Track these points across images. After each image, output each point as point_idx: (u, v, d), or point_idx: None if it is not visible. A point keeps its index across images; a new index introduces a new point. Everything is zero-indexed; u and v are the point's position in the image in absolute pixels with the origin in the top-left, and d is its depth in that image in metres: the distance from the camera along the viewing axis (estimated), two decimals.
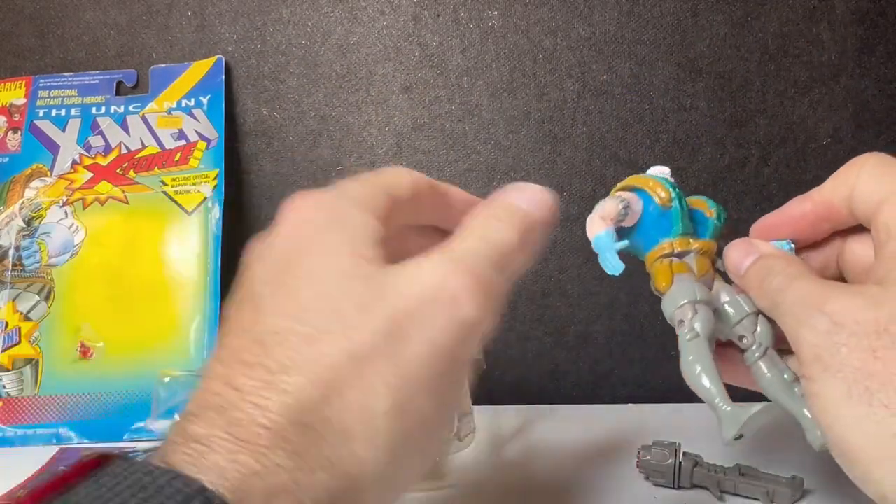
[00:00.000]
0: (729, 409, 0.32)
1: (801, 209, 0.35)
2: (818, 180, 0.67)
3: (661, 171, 0.38)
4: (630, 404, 0.62)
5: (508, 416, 0.57)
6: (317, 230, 0.27)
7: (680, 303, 0.35)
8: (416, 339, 0.25)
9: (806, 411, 0.32)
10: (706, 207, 0.37)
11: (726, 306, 0.35)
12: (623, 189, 0.37)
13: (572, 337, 0.64)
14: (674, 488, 0.43)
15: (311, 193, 0.29)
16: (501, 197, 0.33)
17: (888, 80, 0.61)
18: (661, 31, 0.62)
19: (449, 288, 0.26)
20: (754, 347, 0.34)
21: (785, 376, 0.34)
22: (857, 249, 0.35)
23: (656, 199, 0.36)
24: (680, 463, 0.43)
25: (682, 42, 0.62)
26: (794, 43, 0.61)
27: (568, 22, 0.62)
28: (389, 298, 0.26)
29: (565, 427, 0.55)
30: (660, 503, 0.42)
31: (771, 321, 0.34)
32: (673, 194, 0.35)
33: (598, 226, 0.35)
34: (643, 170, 0.59)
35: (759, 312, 0.35)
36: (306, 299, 0.26)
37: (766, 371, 0.34)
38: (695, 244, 0.36)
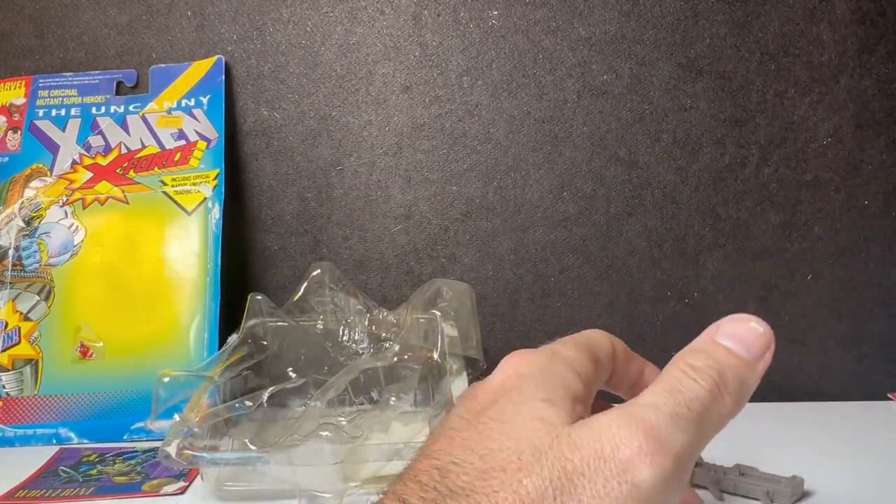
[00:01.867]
0: None
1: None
2: (818, 180, 0.67)
3: None
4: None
5: None
6: (521, 379, 0.28)
7: None
8: (586, 495, 0.24)
9: None
10: None
11: None
12: None
13: None
14: None
15: (528, 351, 0.29)
16: (708, 335, 0.29)
17: (888, 80, 0.61)
18: (661, 31, 0.62)
19: (622, 447, 0.24)
20: None
21: None
22: None
23: None
24: None
25: (682, 42, 0.62)
26: (794, 43, 0.61)
27: (568, 22, 0.62)
28: (564, 448, 0.24)
29: None
30: None
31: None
32: None
33: None
34: (643, 170, 0.59)
35: None
36: (492, 437, 0.25)
37: None
38: None
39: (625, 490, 0.23)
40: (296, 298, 0.54)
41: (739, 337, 0.27)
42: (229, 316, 0.58)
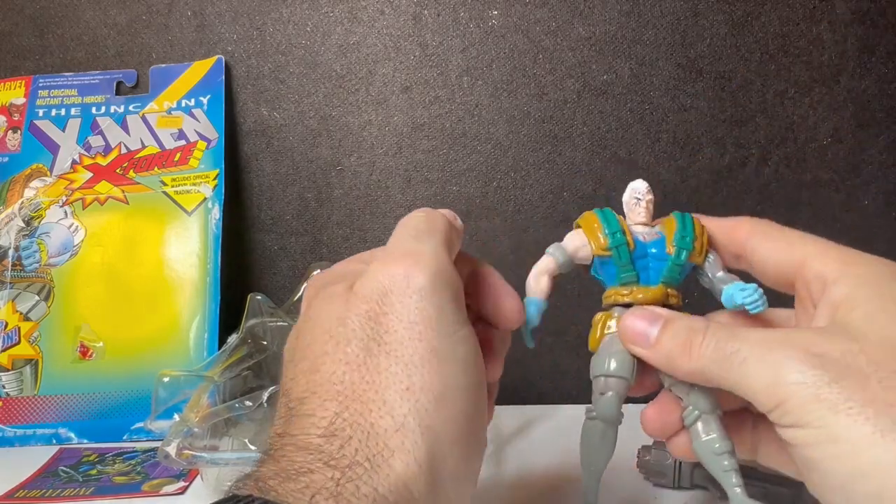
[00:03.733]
0: None
1: None
2: (818, 180, 0.67)
3: (635, 189, 0.36)
4: (630, 404, 0.62)
5: (508, 416, 0.57)
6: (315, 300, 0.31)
7: (593, 374, 0.33)
8: (396, 325, 0.27)
9: (737, 489, 0.32)
10: (670, 241, 0.34)
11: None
12: (579, 226, 0.35)
13: (572, 337, 0.64)
14: (674, 488, 0.43)
15: (407, 258, 0.30)
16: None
17: (888, 80, 0.61)
18: (661, 31, 0.62)
19: (397, 272, 0.28)
20: (690, 409, 0.32)
21: (716, 446, 0.32)
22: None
23: (592, 248, 0.34)
24: (680, 463, 0.43)
25: (682, 42, 0.62)
26: (794, 43, 0.61)
27: (568, 22, 0.62)
28: (354, 299, 0.28)
29: (565, 427, 0.55)
30: (660, 503, 0.42)
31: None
32: (610, 242, 0.33)
33: (531, 285, 0.34)
34: (643, 170, 0.59)
35: None
36: (304, 341, 0.29)
37: (699, 436, 0.32)
38: (638, 293, 0.33)
39: (416, 300, 0.27)
40: (296, 298, 0.54)
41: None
42: (229, 316, 0.58)
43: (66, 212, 0.60)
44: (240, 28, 0.64)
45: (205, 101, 0.63)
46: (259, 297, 0.54)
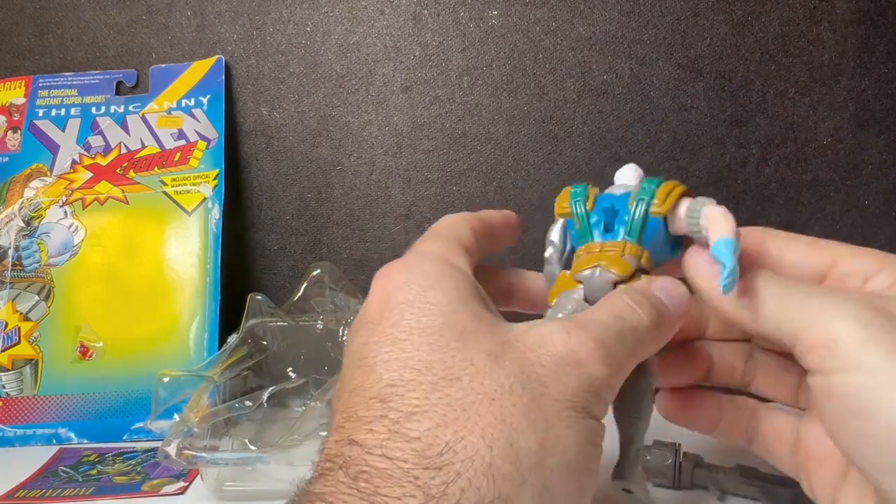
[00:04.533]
0: None
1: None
2: (818, 180, 0.67)
3: (625, 173, 0.34)
4: None
5: None
6: (407, 287, 0.28)
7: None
8: (552, 386, 0.25)
9: (638, 459, 0.32)
10: (633, 194, 0.32)
11: None
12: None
13: None
14: (674, 488, 0.43)
15: (392, 264, 0.29)
16: (642, 286, 0.31)
17: (888, 80, 0.61)
18: (662, 31, 0.62)
19: (578, 349, 0.26)
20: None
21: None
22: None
23: (556, 210, 0.34)
24: (680, 463, 0.43)
25: (683, 42, 0.62)
26: (794, 43, 0.61)
27: (568, 22, 0.62)
28: (519, 350, 0.26)
29: None
30: (660, 503, 0.42)
31: None
32: (570, 205, 0.33)
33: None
34: (643, 169, 0.59)
35: None
36: (420, 352, 0.26)
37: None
38: (595, 247, 0.32)
39: (584, 380, 0.26)
40: (296, 298, 0.54)
41: (668, 291, 0.30)
42: (229, 316, 0.58)
43: (66, 212, 0.60)
44: (240, 28, 0.64)
45: (205, 101, 0.63)
46: (259, 297, 0.54)
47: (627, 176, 0.34)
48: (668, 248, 0.33)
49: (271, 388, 0.47)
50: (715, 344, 0.35)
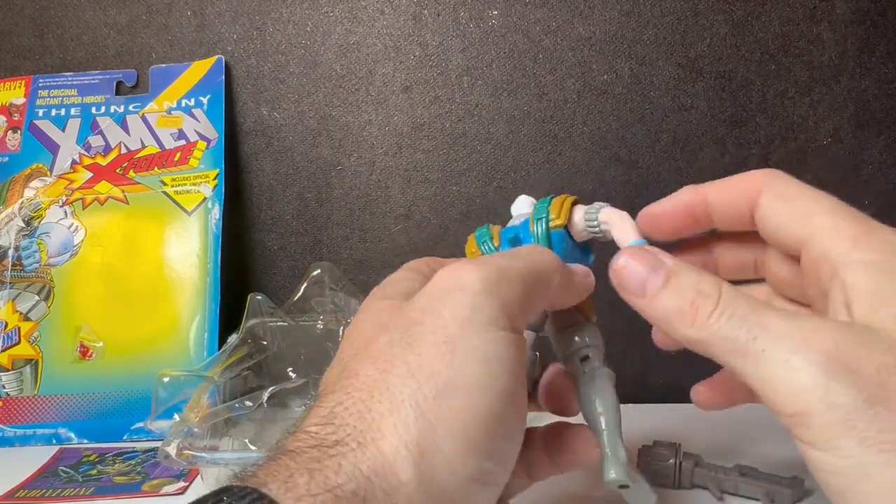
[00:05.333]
0: None
1: (691, 201, 0.32)
2: (818, 180, 0.67)
3: (519, 205, 0.36)
4: (630, 404, 0.61)
5: None
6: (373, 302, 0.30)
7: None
8: (427, 318, 0.27)
9: (621, 451, 0.30)
10: (531, 221, 0.34)
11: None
12: None
13: None
14: (674, 488, 0.43)
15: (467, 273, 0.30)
16: None
17: (888, 80, 0.61)
18: (662, 31, 0.62)
19: (450, 273, 0.28)
20: (598, 363, 0.33)
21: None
22: (776, 266, 0.32)
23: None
24: (680, 463, 0.43)
25: (683, 42, 0.62)
26: (794, 43, 0.61)
27: (568, 22, 0.62)
28: (406, 307, 0.28)
29: None
30: (660, 503, 0.42)
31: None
32: (479, 248, 0.34)
33: None
34: (643, 170, 0.59)
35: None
36: (343, 350, 0.29)
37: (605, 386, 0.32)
38: None
39: (458, 295, 0.27)
40: (296, 298, 0.54)
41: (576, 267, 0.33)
42: (229, 316, 0.58)
43: (66, 212, 0.60)
44: (240, 28, 0.64)
45: (205, 100, 0.63)
46: (259, 297, 0.54)
47: (522, 206, 0.36)
48: (579, 256, 0.34)
49: (271, 388, 0.47)
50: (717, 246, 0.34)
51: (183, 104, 0.64)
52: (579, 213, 0.33)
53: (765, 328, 0.25)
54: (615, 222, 0.32)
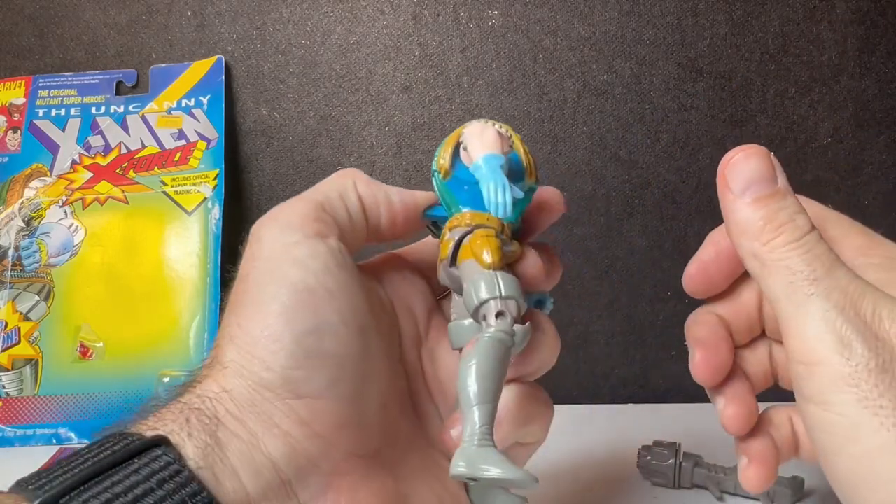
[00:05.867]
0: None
1: (724, 239, 0.32)
2: (818, 180, 0.67)
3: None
4: (630, 404, 0.62)
5: None
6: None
7: (481, 299, 0.27)
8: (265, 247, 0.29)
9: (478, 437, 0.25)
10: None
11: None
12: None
13: (572, 337, 0.64)
14: (674, 488, 0.43)
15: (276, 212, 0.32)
16: None
17: (889, 80, 0.61)
18: (662, 31, 0.62)
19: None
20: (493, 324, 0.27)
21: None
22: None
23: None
24: (680, 463, 0.43)
25: (683, 42, 0.62)
26: (794, 43, 0.61)
27: (568, 22, 0.62)
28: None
29: (565, 427, 0.55)
30: (660, 503, 0.42)
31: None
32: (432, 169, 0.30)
33: None
34: (643, 170, 0.58)
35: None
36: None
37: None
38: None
39: (253, 247, 0.29)
40: None
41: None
42: None
43: (66, 212, 0.60)
44: (240, 28, 0.64)
45: (205, 100, 0.63)
46: None
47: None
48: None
49: None
50: (741, 354, 0.34)
51: (183, 104, 0.64)
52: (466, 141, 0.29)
53: (826, 277, 0.26)
54: (476, 135, 0.28)
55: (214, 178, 0.61)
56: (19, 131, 0.64)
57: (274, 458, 0.25)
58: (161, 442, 0.24)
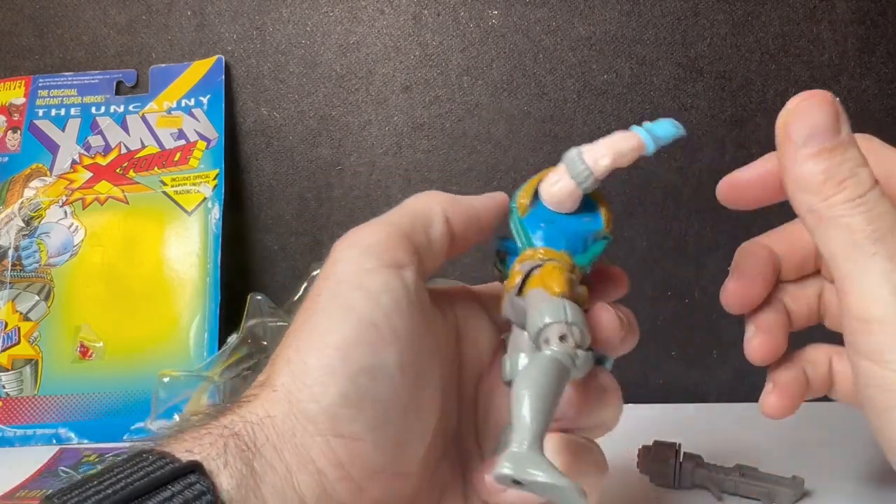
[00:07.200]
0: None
1: (775, 168, 0.30)
2: None
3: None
4: (630, 404, 0.61)
5: None
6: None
7: (545, 321, 0.27)
8: (340, 268, 0.28)
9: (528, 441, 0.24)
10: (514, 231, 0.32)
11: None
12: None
13: None
14: (674, 488, 0.43)
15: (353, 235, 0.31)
16: None
17: (889, 80, 0.61)
18: (662, 31, 0.62)
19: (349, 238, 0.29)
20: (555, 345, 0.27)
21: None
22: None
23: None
24: (680, 463, 0.43)
25: (683, 42, 0.62)
26: (794, 43, 0.61)
27: (568, 21, 0.62)
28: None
29: None
30: (660, 503, 0.42)
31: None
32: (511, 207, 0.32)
33: None
34: (643, 170, 0.59)
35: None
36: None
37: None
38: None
39: (360, 252, 0.28)
40: (296, 298, 0.54)
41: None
42: (229, 316, 0.58)
43: (65, 212, 0.60)
44: (240, 28, 0.64)
45: (205, 100, 0.63)
46: (259, 297, 0.54)
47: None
48: (586, 223, 0.31)
49: None
50: (786, 289, 0.34)
51: (183, 104, 0.64)
52: (549, 180, 0.31)
53: (890, 236, 0.25)
54: (608, 147, 0.29)
55: (214, 178, 0.61)
56: (19, 131, 0.64)
57: (305, 497, 0.24)
58: (196, 468, 0.23)
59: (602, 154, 0.30)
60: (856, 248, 0.25)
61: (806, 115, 0.27)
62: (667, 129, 0.30)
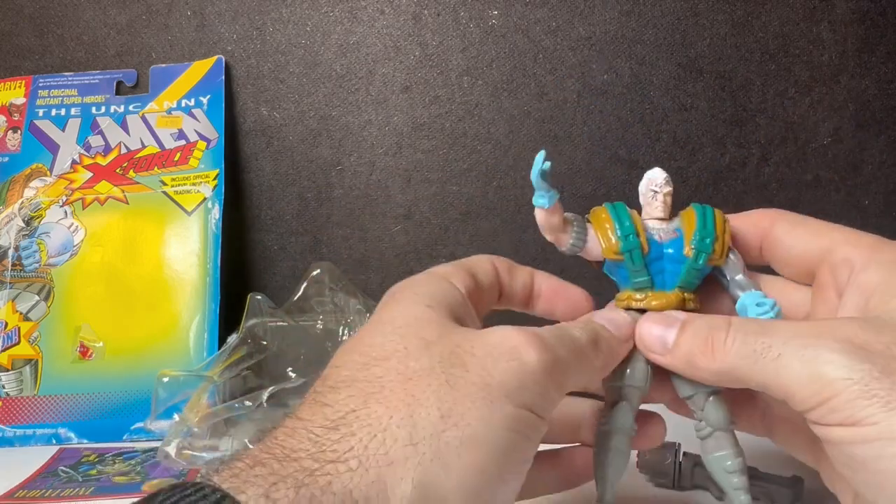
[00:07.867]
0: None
1: None
2: (818, 180, 0.67)
3: (652, 180, 0.33)
4: None
5: None
6: (397, 291, 0.30)
7: (608, 382, 0.32)
8: (474, 371, 0.26)
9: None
10: (689, 241, 0.32)
11: (678, 380, 0.32)
12: (589, 221, 0.34)
13: None
14: (674, 488, 0.43)
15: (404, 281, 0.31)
16: (586, 315, 0.34)
17: (889, 80, 0.61)
18: (662, 31, 0.62)
19: (512, 337, 0.27)
20: (703, 424, 0.32)
21: (728, 463, 0.32)
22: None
23: (603, 249, 0.33)
24: (680, 463, 0.43)
25: (683, 42, 0.62)
26: (794, 43, 0.61)
27: (568, 22, 0.62)
28: (455, 340, 0.27)
29: None
30: (660, 503, 0.42)
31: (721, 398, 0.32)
32: (622, 246, 0.32)
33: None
34: (643, 170, 0.59)
35: (712, 393, 0.32)
36: (372, 335, 0.28)
37: (711, 451, 0.32)
38: (652, 300, 0.32)
39: (513, 366, 0.26)
40: (296, 298, 0.54)
41: (610, 319, 0.32)
42: (229, 316, 0.58)
43: (65, 212, 0.60)
44: (240, 28, 0.64)
45: (205, 100, 0.63)
46: (259, 297, 0.54)
47: (657, 181, 0.33)
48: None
49: (271, 388, 0.47)
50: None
51: (183, 104, 0.64)
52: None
53: (776, 335, 0.27)
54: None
55: (214, 178, 0.61)
56: (19, 131, 0.64)
57: None
58: None
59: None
60: (766, 364, 0.27)
61: (648, 334, 0.31)
62: (535, 167, 0.34)
